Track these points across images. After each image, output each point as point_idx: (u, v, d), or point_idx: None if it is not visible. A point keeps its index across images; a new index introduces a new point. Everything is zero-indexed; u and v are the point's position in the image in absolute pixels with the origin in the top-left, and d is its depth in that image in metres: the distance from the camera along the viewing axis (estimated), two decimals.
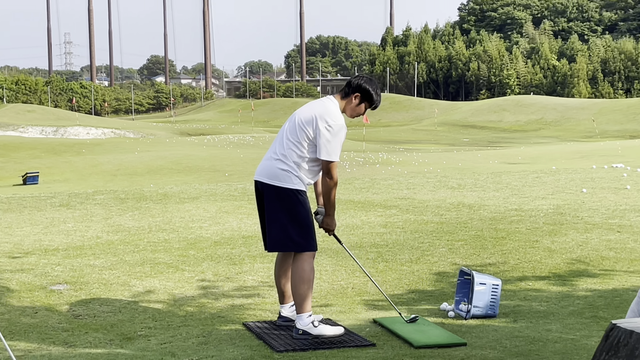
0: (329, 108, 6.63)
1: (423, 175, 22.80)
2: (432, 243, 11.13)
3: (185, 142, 52.80)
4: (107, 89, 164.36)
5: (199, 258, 10.33)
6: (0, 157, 43.19)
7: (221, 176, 27.53)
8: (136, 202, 16.84)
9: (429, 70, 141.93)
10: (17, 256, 10.69)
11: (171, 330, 7.05)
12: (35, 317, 7.59)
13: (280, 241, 6.71)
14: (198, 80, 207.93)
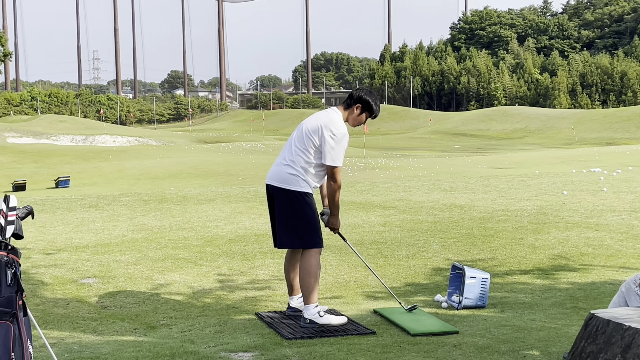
0: (333, 118, 6.63)
1: (418, 179, 22.78)
2: (427, 240, 11.12)
3: (203, 149, 52.83)
4: (132, 101, 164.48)
5: (215, 254, 10.32)
6: (34, 163, 43.30)
7: (235, 180, 27.52)
8: (158, 203, 16.84)
9: (423, 83, 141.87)
10: (51, 253, 10.70)
11: (190, 320, 7.04)
12: (67, 308, 7.60)
13: (289, 239, 6.72)
14: (214, 92, 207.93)
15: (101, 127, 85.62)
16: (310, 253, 6.65)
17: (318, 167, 6.65)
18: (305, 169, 6.59)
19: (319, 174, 6.70)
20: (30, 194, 24.81)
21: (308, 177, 6.61)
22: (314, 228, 6.64)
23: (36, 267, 9.57)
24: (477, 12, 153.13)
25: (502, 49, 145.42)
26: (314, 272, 6.60)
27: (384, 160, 37.16)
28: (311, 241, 6.64)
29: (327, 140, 6.50)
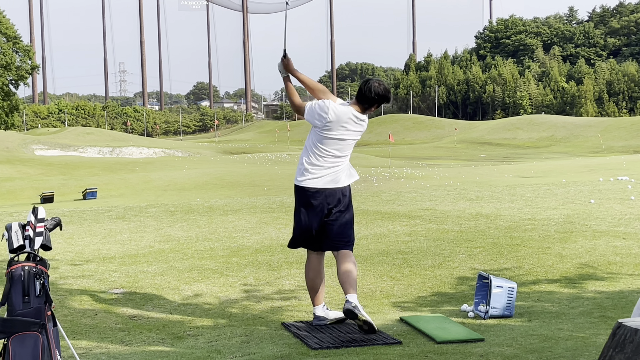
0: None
1: (444, 188, 22.71)
2: (453, 250, 11.09)
3: (228, 160, 53.02)
4: (158, 112, 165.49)
5: (241, 264, 10.36)
6: (62, 174, 43.65)
7: (260, 190, 27.58)
8: (185, 214, 16.93)
9: (448, 92, 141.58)
10: (79, 264, 10.79)
11: (217, 330, 7.07)
12: (95, 318, 7.65)
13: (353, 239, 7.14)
14: (239, 104, 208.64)
15: (128, 138, 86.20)
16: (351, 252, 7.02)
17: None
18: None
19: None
20: (58, 205, 25.00)
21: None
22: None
23: (64, 278, 9.65)
24: (503, 20, 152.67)
25: (528, 57, 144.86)
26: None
27: (410, 169, 37.09)
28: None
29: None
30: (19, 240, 5.62)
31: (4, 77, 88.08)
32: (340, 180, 6.90)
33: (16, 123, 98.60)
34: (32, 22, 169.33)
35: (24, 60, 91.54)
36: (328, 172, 6.88)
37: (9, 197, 32.54)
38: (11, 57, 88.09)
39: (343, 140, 6.88)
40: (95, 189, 30.95)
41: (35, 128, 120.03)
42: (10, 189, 34.59)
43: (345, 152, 6.94)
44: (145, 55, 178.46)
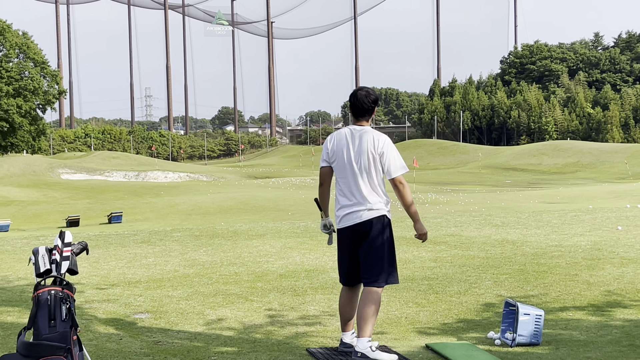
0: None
1: (469, 214, 22.61)
2: (479, 276, 11.01)
3: (253, 184, 53.15)
4: (183, 137, 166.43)
5: (266, 290, 10.34)
6: (88, 198, 43.93)
7: (284, 215, 27.60)
8: (209, 238, 16.95)
9: (473, 118, 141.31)
10: (104, 287, 10.82)
11: (241, 356, 7.04)
12: (120, 343, 7.65)
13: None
14: (264, 128, 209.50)
15: (153, 163, 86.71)
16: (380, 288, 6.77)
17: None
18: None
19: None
20: (84, 229, 25.15)
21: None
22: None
23: (89, 302, 9.68)
24: (528, 46, 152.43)
25: (553, 82, 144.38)
26: (378, 306, 6.67)
27: (434, 195, 36.99)
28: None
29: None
30: (46, 265, 5.65)
31: (31, 102, 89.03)
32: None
33: (43, 147, 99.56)
34: (60, 47, 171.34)
35: (52, 85, 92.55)
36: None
37: (35, 221, 32.78)
38: (39, 82, 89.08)
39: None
40: (121, 212, 31.13)
41: (62, 152, 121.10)
42: (37, 213, 34.85)
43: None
44: (171, 80, 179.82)
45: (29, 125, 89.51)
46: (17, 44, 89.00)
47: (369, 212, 6.70)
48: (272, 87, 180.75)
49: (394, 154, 6.74)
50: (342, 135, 6.89)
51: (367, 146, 6.71)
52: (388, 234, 6.78)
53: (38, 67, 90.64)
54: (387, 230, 6.77)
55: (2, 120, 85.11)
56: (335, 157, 6.86)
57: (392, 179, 6.73)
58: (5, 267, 13.21)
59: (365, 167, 6.72)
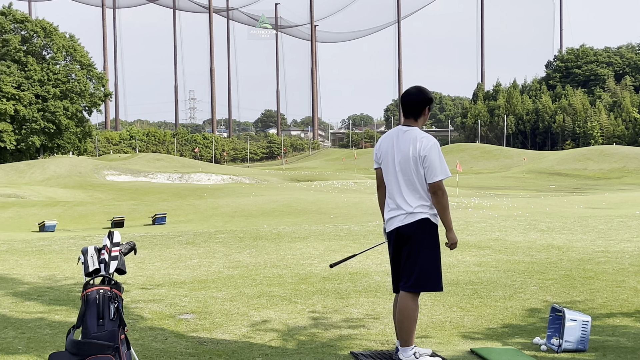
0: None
1: (513, 218, 22.41)
2: (524, 281, 10.91)
3: (295, 187, 53.24)
4: (226, 139, 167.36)
5: (309, 292, 10.35)
6: (132, 200, 44.35)
7: (327, 218, 27.60)
8: (253, 240, 17.03)
9: (517, 122, 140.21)
10: (149, 288, 10.92)
11: (285, 358, 7.06)
12: (165, 343, 7.71)
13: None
14: (306, 131, 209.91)
15: (196, 165, 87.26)
16: (416, 295, 6.64)
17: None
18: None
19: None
20: (128, 230, 25.39)
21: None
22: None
23: (135, 302, 9.77)
24: (573, 50, 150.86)
25: (599, 87, 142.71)
26: (413, 312, 6.55)
27: (478, 199, 36.72)
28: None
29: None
30: (95, 264, 5.71)
31: (77, 104, 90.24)
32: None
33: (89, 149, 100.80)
34: (106, 50, 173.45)
35: (98, 87, 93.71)
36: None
37: (81, 222, 33.17)
38: (85, 85, 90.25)
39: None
40: (165, 214, 31.37)
41: (107, 154, 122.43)
42: (82, 214, 35.26)
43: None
44: (215, 83, 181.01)
45: (75, 127, 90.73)
46: (64, 47, 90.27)
47: (409, 216, 6.56)
48: (315, 91, 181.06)
49: (436, 158, 6.50)
50: (390, 135, 6.81)
51: (410, 148, 6.55)
52: (430, 239, 6.60)
53: (84, 70, 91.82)
54: (429, 235, 6.60)
55: (49, 122, 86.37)
56: (382, 158, 6.80)
57: (431, 184, 6.53)
58: (53, 267, 13.39)
59: (406, 169, 6.56)
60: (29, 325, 8.54)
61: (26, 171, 66.57)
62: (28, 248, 16.63)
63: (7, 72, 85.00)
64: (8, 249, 16.58)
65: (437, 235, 6.65)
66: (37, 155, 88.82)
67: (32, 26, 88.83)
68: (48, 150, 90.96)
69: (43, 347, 7.54)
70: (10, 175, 65.07)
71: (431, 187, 6.52)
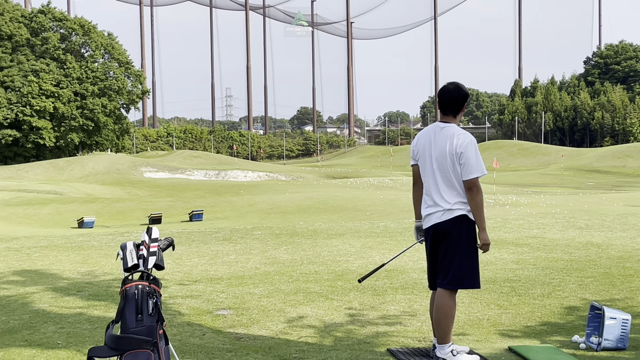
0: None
1: (551, 216, 22.21)
2: (563, 279, 10.81)
3: (331, 184, 53.24)
4: (262, 137, 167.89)
5: (346, 289, 10.35)
6: (170, 197, 44.66)
7: (363, 215, 27.56)
8: (289, 237, 17.06)
9: (555, 119, 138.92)
10: (187, 284, 10.99)
11: (322, 354, 7.06)
12: (202, 338, 7.76)
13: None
14: (342, 128, 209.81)
15: (233, 162, 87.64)
16: (453, 292, 6.61)
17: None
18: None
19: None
20: (166, 226, 25.57)
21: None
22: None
23: (173, 298, 9.84)
24: (612, 46, 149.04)
25: (639, 83, 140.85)
26: (450, 310, 6.52)
27: (515, 196, 36.42)
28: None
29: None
30: (133, 260, 5.75)
31: (116, 101, 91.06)
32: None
33: (127, 146, 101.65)
34: (144, 47, 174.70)
35: (135, 85, 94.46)
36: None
37: (119, 218, 33.47)
38: (123, 82, 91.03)
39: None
40: (202, 211, 31.53)
41: (145, 151, 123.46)
42: (121, 210, 35.58)
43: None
44: (251, 80, 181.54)
45: (113, 124, 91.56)
46: (102, 45, 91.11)
47: (447, 212, 6.52)
48: (351, 88, 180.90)
49: (473, 155, 6.44)
50: (427, 132, 6.77)
51: (447, 144, 6.50)
52: (467, 236, 6.55)
53: (122, 67, 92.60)
54: (466, 232, 6.55)
55: (88, 119, 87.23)
56: (419, 155, 6.77)
57: (466, 181, 6.46)
58: (92, 262, 13.53)
59: (443, 165, 6.52)
60: (69, 320, 8.64)
61: (65, 168, 67.35)
62: (67, 244, 16.82)
63: (46, 69, 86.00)
64: (48, 244, 16.78)
65: (475, 232, 6.60)
66: (76, 152, 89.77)
67: (71, 24, 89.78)
68: (86, 147, 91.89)
69: (82, 341, 7.63)
70: (49, 172, 65.86)
71: (466, 184, 6.47)
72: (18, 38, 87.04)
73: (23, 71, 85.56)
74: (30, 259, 14.11)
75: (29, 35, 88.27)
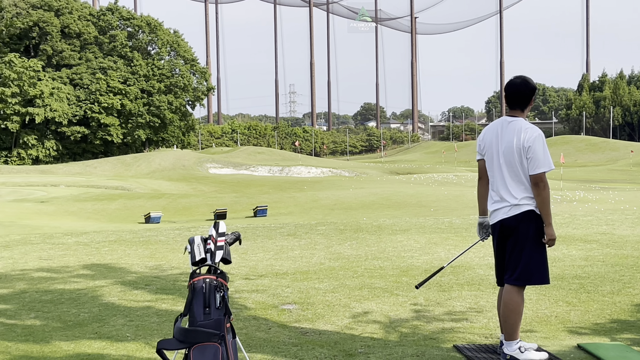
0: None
1: (620, 212, 21.78)
2: (633, 276, 10.59)
3: (394, 180, 53.10)
4: (326, 133, 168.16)
5: (411, 284, 10.30)
6: (234, 192, 45.05)
7: (427, 211, 27.43)
8: (353, 233, 17.06)
9: (624, 113, 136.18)
10: (252, 278, 11.07)
11: (388, 349, 7.05)
12: (268, 332, 7.81)
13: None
14: (406, 124, 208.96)
15: (296, 158, 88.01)
16: (521, 288, 6.53)
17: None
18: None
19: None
20: (231, 222, 25.80)
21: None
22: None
23: (239, 292, 9.93)
24: None
25: None
26: (518, 306, 6.44)
27: (583, 192, 35.84)
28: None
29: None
30: (201, 254, 5.82)
31: (181, 98, 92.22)
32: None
33: (192, 142, 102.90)
34: (209, 45, 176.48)
35: (201, 81, 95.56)
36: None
37: (185, 213, 33.90)
38: (189, 79, 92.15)
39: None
40: (266, 206, 31.75)
41: (210, 147, 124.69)
42: (186, 205, 36.03)
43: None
44: (315, 76, 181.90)
45: (179, 121, 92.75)
46: (168, 42, 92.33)
47: (514, 208, 6.44)
48: (415, 83, 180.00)
49: (540, 149, 6.36)
50: (494, 126, 6.70)
51: (514, 138, 6.43)
52: (535, 231, 6.44)
53: (188, 65, 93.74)
54: (534, 227, 6.44)
55: (154, 116, 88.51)
56: (485, 149, 6.70)
57: (532, 176, 6.38)
58: (159, 257, 13.73)
59: (510, 160, 6.45)
60: (137, 313, 8.78)
61: (132, 164, 68.47)
62: (135, 239, 17.09)
63: (113, 67, 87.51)
64: (116, 239, 17.07)
65: (543, 227, 6.50)
66: (143, 148, 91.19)
67: (138, 22, 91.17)
68: (153, 143, 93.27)
69: (150, 334, 7.75)
70: (117, 168, 67.04)
71: (533, 178, 6.38)
72: (86, 36, 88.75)
73: (91, 69, 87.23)
74: (99, 253, 14.38)
75: (97, 34, 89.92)
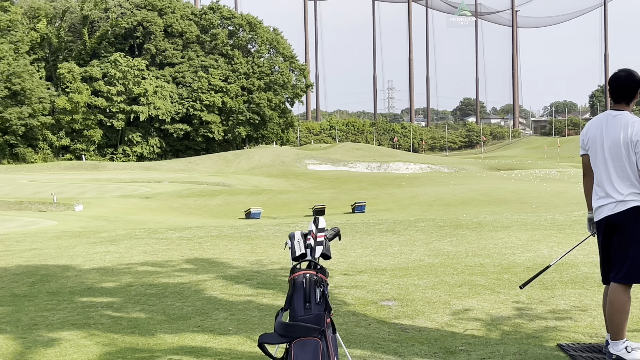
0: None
1: None
2: None
3: (495, 176, 52.39)
4: (424, 128, 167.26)
5: (513, 282, 10.13)
6: (333, 188, 45.26)
7: (528, 208, 26.97)
8: (453, 229, 16.89)
9: None
10: (351, 274, 11.08)
11: (489, 347, 6.95)
12: (368, 328, 7.80)
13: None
14: (506, 119, 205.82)
15: (395, 154, 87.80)
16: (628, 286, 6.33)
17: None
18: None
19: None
20: (329, 218, 25.92)
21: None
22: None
23: (338, 288, 9.95)
24: None
25: None
26: (627, 307, 6.26)
27: None
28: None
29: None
30: (301, 249, 5.85)
31: (281, 95, 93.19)
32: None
33: (291, 139, 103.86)
34: (307, 41, 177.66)
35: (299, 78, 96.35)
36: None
37: (284, 209, 34.25)
38: (288, 76, 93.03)
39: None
40: (364, 203, 31.79)
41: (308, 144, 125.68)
42: (285, 201, 36.40)
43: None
44: (413, 72, 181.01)
45: (278, 117, 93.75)
46: (268, 40, 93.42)
47: (620, 204, 6.25)
48: (516, 77, 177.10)
49: None
50: (598, 121, 6.51)
51: (621, 132, 6.25)
52: None
53: (287, 62, 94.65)
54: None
55: (254, 113, 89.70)
56: (589, 144, 6.52)
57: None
58: (260, 252, 13.89)
59: (616, 155, 6.27)
60: (239, 307, 8.91)
61: (233, 161, 69.59)
62: (236, 234, 17.34)
63: (215, 65, 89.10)
64: (218, 234, 17.36)
65: None
66: (243, 145, 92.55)
67: (238, 21, 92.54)
68: (253, 140, 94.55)
69: (252, 328, 7.84)
70: (218, 164, 68.24)
71: None
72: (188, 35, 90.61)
73: (193, 67, 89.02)
74: (201, 248, 14.65)
75: (199, 32, 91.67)
